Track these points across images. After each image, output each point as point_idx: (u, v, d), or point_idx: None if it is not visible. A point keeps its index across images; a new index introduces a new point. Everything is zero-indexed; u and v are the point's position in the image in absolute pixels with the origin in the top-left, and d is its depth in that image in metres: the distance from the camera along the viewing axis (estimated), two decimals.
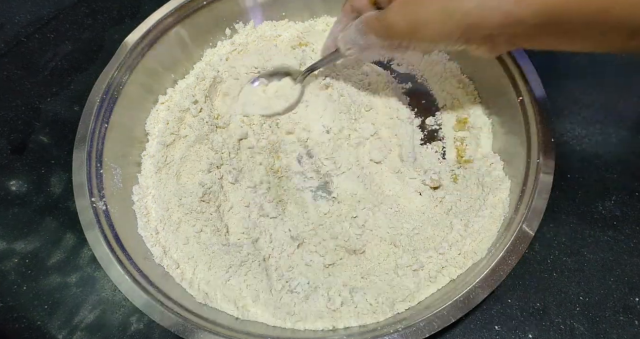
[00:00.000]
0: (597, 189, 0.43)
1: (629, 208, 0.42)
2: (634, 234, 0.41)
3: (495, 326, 0.38)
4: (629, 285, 0.39)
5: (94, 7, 0.59)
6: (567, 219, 0.42)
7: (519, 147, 0.40)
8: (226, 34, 0.52)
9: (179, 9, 0.47)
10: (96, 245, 0.36)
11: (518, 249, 0.34)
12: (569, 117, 0.47)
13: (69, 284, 0.42)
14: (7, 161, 0.49)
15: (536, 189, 0.36)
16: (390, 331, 0.33)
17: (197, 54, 0.51)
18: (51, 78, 0.54)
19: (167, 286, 0.37)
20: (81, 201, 0.38)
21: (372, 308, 0.36)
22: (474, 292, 0.33)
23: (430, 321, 0.32)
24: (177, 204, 0.42)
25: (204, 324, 0.34)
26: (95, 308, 0.41)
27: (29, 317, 0.41)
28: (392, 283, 0.37)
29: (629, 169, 0.44)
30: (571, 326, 0.38)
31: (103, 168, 0.41)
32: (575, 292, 0.39)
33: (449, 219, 0.40)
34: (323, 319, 0.36)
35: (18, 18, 0.58)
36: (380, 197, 0.42)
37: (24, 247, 0.44)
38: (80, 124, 0.42)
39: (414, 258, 0.38)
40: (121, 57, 0.44)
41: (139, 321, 0.40)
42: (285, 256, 0.40)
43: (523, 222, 0.35)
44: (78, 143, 0.41)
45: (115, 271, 0.35)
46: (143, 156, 0.45)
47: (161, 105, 0.48)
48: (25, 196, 0.47)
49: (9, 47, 0.56)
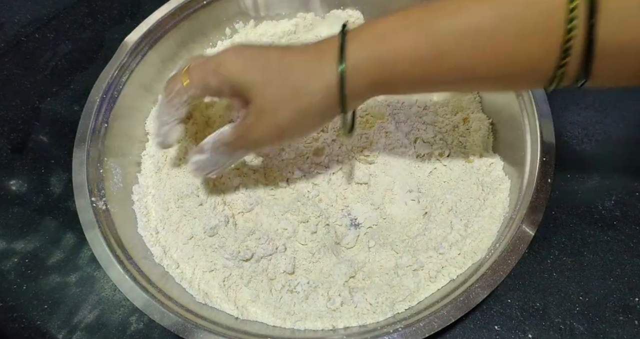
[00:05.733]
0: (597, 189, 0.43)
1: (629, 208, 0.42)
2: (634, 234, 0.41)
3: (495, 326, 0.38)
4: (629, 285, 0.39)
5: (94, 6, 0.59)
6: (567, 219, 0.42)
7: (519, 147, 0.40)
8: (226, 34, 0.52)
9: (179, 9, 0.47)
10: (96, 245, 0.36)
11: (518, 249, 0.34)
12: (568, 117, 0.47)
13: (69, 284, 0.42)
14: (7, 160, 0.49)
15: (536, 189, 0.36)
16: (390, 331, 0.33)
17: (197, 54, 0.51)
18: (51, 78, 0.54)
19: (167, 286, 0.37)
20: (81, 200, 0.38)
21: (372, 308, 0.36)
22: (474, 292, 0.33)
23: (430, 321, 0.32)
24: (177, 204, 0.42)
25: (204, 324, 0.34)
26: (95, 307, 0.41)
27: (29, 317, 0.41)
28: (392, 283, 0.37)
29: (629, 169, 0.44)
30: (571, 326, 0.38)
31: (103, 168, 0.41)
32: (575, 292, 0.39)
33: (449, 219, 0.40)
34: (323, 319, 0.36)
35: (18, 18, 0.58)
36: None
37: (23, 247, 0.44)
38: (80, 124, 0.42)
39: (414, 257, 0.38)
40: (121, 57, 0.44)
41: (139, 321, 0.40)
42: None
43: (523, 222, 0.35)
44: (78, 143, 0.41)
45: (115, 271, 0.35)
46: (143, 155, 0.45)
47: None
48: (25, 195, 0.47)
49: (9, 46, 0.56)
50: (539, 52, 0.26)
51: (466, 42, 0.27)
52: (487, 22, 0.26)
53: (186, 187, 0.42)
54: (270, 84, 0.32)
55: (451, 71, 0.28)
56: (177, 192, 0.42)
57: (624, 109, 0.47)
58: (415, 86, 0.31)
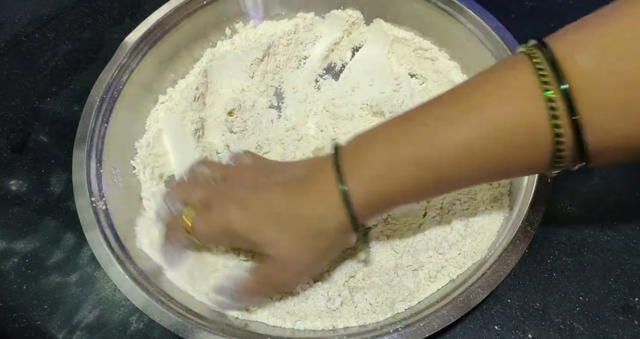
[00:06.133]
0: (597, 189, 0.43)
1: (629, 208, 0.42)
2: (634, 234, 0.41)
3: (495, 326, 0.38)
4: (628, 285, 0.39)
5: (94, 6, 0.59)
6: (567, 219, 0.42)
7: None
8: (226, 34, 0.52)
9: (179, 9, 0.47)
10: (96, 245, 0.36)
11: (518, 249, 0.34)
12: None
13: (69, 284, 0.42)
14: (7, 160, 0.49)
15: (536, 189, 0.36)
16: (390, 330, 0.33)
17: (197, 54, 0.51)
18: (51, 78, 0.54)
19: (167, 286, 0.37)
20: (81, 200, 0.38)
21: (372, 308, 0.36)
22: (474, 292, 0.33)
23: (430, 321, 0.32)
24: None
25: (204, 324, 0.34)
26: (95, 307, 0.41)
27: (29, 317, 0.41)
28: (392, 283, 0.37)
29: (629, 169, 0.44)
30: (571, 325, 0.38)
31: (103, 168, 0.41)
32: (575, 292, 0.39)
33: (449, 219, 0.40)
34: (323, 319, 0.36)
35: (18, 18, 0.58)
36: None
37: (23, 247, 0.44)
38: (80, 124, 0.42)
39: (413, 257, 0.38)
40: (121, 57, 0.44)
41: (139, 321, 0.40)
42: None
43: (523, 222, 0.35)
44: (78, 143, 0.41)
45: (115, 271, 0.35)
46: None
47: (161, 105, 0.48)
48: (25, 195, 0.47)
49: (9, 46, 0.56)
50: (534, 159, 0.27)
51: (462, 165, 0.28)
52: (477, 146, 0.27)
53: None
54: (285, 237, 0.32)
55: (452, 183, 0.30)
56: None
57: None
58: (418, 199, 0.35)
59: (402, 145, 0.29)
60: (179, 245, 0.37)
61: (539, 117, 0.25)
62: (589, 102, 0.24)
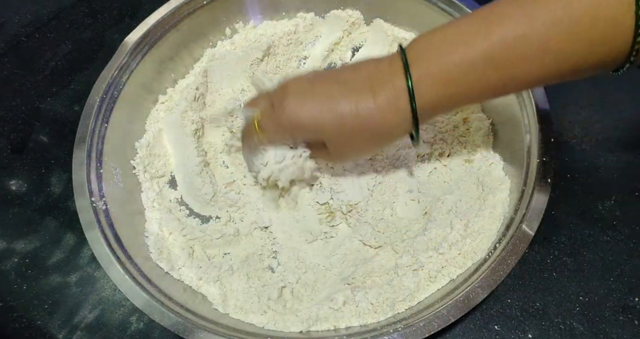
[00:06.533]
0: (597, 189, 0.43)
1: (629, 208, 0.42)
2: (634, 234, 0.41)
3: (495, 326, 0.38)
4: (628, 285, 0.39)
5: (94, 7, 0.59)
6: (567, 219, 0.42)
7: (519, 147, 0.40)
8: (226, 34, 0.52)
9: (179, 9, 0.47)
10: (96, 245, 0.36)
11: (518, 249, 0.34)
12: (568, 117, 0.47)
13: (69, 283, 0.42)
14: (7, 160, 0.49)
15: (536, 189, 0.36)
16: (390, 330, 0.33)
17: (197, 54, 0.51)
18: (51, 78, 0.54)
19: (167, 286, 0.37)
20: (81, 200, 0.38)
21: (373, 308, 0.36)
22: (474, 292, 0.33)
23: (430, 321, 0.32)
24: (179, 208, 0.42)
25: (204, 324, 0.34)
26: (95, 307, 0.41)
27: (29, 317, 0.41)
28: (392, 283, 0.37)
29: (629, 169, 0.44)
30: (571, 325, 0.38)
31: (103, 168, 0.41)
32: (575, 292, 0.39)
33: (449, 219, 0.40)
34: (324, 319, 0.36)
35: (18, 18, 0.58)
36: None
37: (24, 247, 0.44)
38: (80, 124, 0.42)
39: (414, 257, 0.38)
40: (121, 57, 0.44)
41: (139, 321, 0.40)
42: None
43: (523, 222, 0.35)
44: (78, 143, 0.41)
45: (115, 271, 0.35)
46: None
47: (161, 105, 0.48)
48: (25, 195, 0.47)
49: (9, 47, 0.56)
50: (611, 53, 0.26)
51: (535, 62, 0.28)
52: (554, 42, 0.26)
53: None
54: (347, 142, 0.34)
55: (519, 84, 0.30)
56: (177, 192, 0.42)
57: (624, 109, 0.47)
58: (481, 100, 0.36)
59: (473, 44, 0.28)
60: (254, 148, 0.38)
61: (623, 6, 0.25)
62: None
